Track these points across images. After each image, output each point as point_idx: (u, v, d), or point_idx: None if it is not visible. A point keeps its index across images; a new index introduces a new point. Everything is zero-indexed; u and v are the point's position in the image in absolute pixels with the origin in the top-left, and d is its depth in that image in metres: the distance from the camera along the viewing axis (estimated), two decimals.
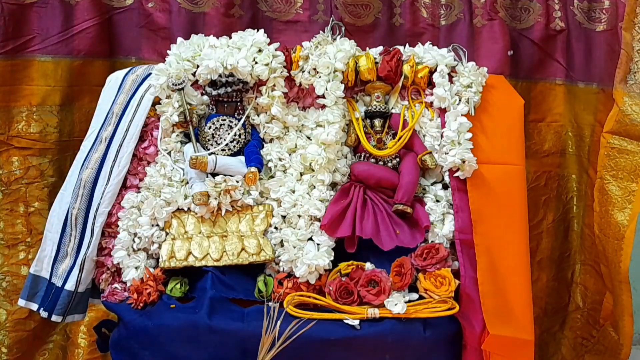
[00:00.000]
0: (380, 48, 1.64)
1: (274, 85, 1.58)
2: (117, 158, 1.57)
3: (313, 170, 1.54)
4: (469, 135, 1.54)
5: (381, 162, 1.57)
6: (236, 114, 1.60)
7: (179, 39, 1.64)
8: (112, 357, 1.48)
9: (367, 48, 1.65)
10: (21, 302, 1.59)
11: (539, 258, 2.01)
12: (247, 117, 1.60)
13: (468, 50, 1.90)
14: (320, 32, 1.64)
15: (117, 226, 1.53)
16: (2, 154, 1.91)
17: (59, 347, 2.02)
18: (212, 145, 1.57)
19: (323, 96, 1.57)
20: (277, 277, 1.49)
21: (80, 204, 1.54)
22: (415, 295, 1.44)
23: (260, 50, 1.59)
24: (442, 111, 1.58)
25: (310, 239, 1.50)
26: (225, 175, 1.53)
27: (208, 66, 1.55)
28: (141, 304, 1.45)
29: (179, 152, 1.59)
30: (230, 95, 1.59)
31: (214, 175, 1.54)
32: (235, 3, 1.90)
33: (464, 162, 1.51)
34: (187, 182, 1.55)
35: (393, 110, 1.60)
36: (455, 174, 1.53)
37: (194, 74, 1.59)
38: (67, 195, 1.57)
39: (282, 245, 1.51)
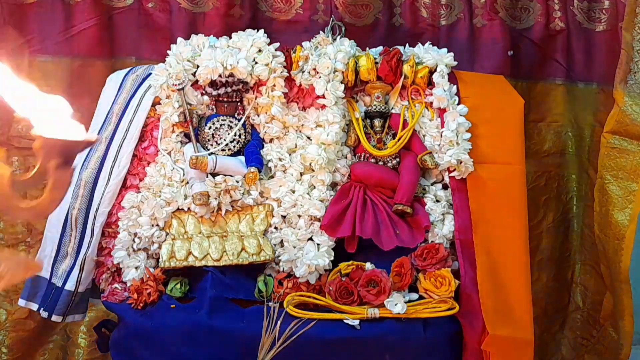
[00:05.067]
0: (380, 48, 1.64)
1: (274, 85, 1.58)
2: (117, 158, 1.57)
3: (313, 170, 1.54)
4: (468, 135, 1.54)
5: (381, 162, 1.57)
6: (236, 114, 1.60)
7: (179, 39, 1.64)
8: (112, 357, 1.48)
9: (367, 48, 1.65)
10: (21, 302, 1.59)
11: (538, 258, 2.00)
12: (247, 117, 1.60)
13: (468, 50, 1.91)
14: (320, 32, 1.64)
15: (117, 226, 1.53)
16: (2, 154, 1.90)
17: (59, 347, 2.02)
18: (212, 145, 1.57)
19: (323, 96, 1.57)
20: (277, 277, 1.49)
21: (80, 204, 1.54)
22: (415, 296, 1.44)
23: (260, 51, 1.59)
24: (442, 111, 1.58)
25: (310, 239, 1.50)
26: (225, 175, 1.53)
27: (208, 66, 1.55)
28: (141, 304, 1.45)
29: (179, 152, 1.59)
30: (230, 95, 1.59)
31: (214, 175, 1.54)
32: (236, 3, 1.90)
33: (460, 162, 1.51)
34: (187, 182, 1.55)
35: (393, 111, 1.60)
36: (451, 174, 1.53)
37: (194, 74, 1.59)
38: (67, 195, 1.57)
39: (282, 245, 1.51)
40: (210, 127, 1.58)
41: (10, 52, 1.86)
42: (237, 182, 1.52)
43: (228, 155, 1.57)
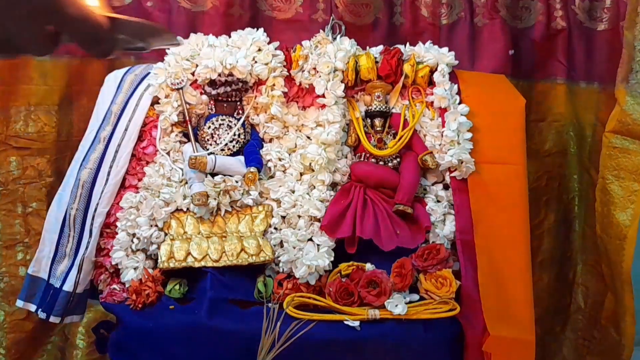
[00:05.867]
0: (381, 47, 1.64)
1: (274, 84, 1.57)
2: (115, 158, 1.56)
3: (313, 170, 1.53)
4: (469, 135, 1.53)
5: (381, 162, 1.56)
6: (235, 113, 1.59)
7: (178, 38, 1.63)
8: (110, 358, 1.47)
9: (368, 47, 1.64)
10: (19, 303, 1.58)
11: (540, 258, 2.00)
12: (247, 116, 1.59)
13: (468, 49, 1.91)
14: (321, 31, 1.64)
15: (116, 226, 1.52)
16: (0, 154, 1.90)
17: (57, 348, 2.01)
18: (211, 145, 1.56)
19: (323, 96, 1.56)
20: (276, 278, 1.48)
21: (78, 204, 1.53)
22: (416, 296, 1.44)
23: (259, 50, 1.58)
24: (443, 111, 1.58)
25: (310, 239, 1.49)
26: (224, 175, 1.52)
27: (207, 65, 1.55)
28: (140, 305, 1.44)
29: (178, 152, 1.58)
30: (229, 94, 1.58)
31: (213, 175, 1.53)
32: (235, 2, 1.89)
33: (461, 162, 1.50)
34: (186, 182, 1.54)
35: (393, 110, 1.60)
36: (452, 174, 1.52)
37: (193, 74, 1.58)
38: (65, 195, 1.56)
39: (281, 246, 1.50)
40: (209, 127, 1.57)
41: None
42: (237, 182, 1.51)
43: (227, 155, 1.57)
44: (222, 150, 1.56)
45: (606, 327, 1.85)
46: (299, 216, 1.50)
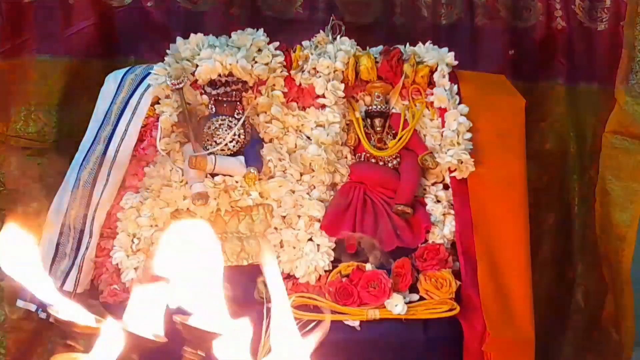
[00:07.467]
0: (381, 47, 1.64)
1: (274, 85, 1.57)
2: (115, 158, 1.56)
3: (313, 171, 1.53)
4: (469, 135, 1.53)
5: (381, 163, 1.56)
6: (235, 113, 1.59)
7: (178, 39, 1.63)
8: None
9: (368, 47, 1.64)
10: (20, 303, 1.58)
11: (540, 259, 1.99)
12: (247, 117, 1.59)
13: (469, 49, 1.90)
14: (321, 31, 1.64)
15: (116, 227, 1.53)
16: (0, 154, 1.90)
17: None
18: (211, 145, 1.56)
19: (323, 96, 1.56)
20: None
21: (78, 204, 1.53)
22: (415, 296, 1.44)
23: (259, 50, 1.58)
24: (443, 111, 1.58)
25: (310, 239, 1.49)
26: (224, 175, 1.52)
27: (207, 66, 1.54)
28: None
29: (178, 152, 1.58)
30: (229, 94, 1.58)
31: (213, 175, 1.53)
32: (235, 2, 1.89)
33: (461, 162, 1.50)
34: (187, 183, 1.54)
35: (393, 110, 1.60)
36: (452, 174, 1.52)
37: (193, 74, 1.58)
38: (65, 195, 1.56)
39: (281, 246, 1.51)
40: (209, 127, 1.57)
41: (9, 52, 1.86)
42: (237, 182, 1.51)
43: (227, 155, 1.57)
44: (222, 150, 1.56)
45: (606, 327, 1.85)
46: (299, 216, 1.50)
